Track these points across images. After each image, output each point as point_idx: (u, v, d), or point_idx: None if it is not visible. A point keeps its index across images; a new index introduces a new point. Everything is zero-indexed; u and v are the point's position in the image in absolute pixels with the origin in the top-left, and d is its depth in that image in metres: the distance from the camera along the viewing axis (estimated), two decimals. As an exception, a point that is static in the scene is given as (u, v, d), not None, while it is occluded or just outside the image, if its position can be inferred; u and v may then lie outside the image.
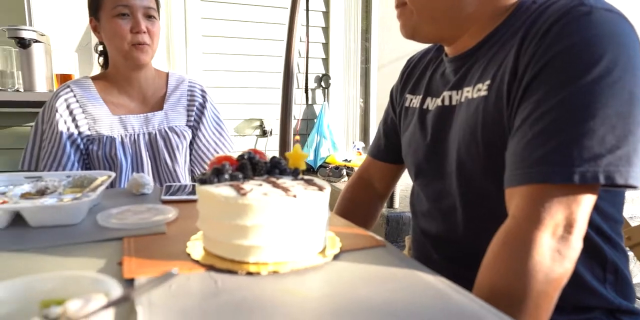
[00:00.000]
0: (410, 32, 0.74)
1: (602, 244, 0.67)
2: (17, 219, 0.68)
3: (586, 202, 0.55)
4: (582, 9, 0.57)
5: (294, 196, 0.52)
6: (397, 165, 0.98)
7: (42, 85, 1.94)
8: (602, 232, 0.68)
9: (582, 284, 0.66)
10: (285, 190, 0.53)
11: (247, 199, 0.50)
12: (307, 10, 2.76)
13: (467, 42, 0.73)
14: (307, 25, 2.79)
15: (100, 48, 1.24)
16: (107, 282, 0.37)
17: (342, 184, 0.98)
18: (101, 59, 1.26)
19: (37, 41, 1.88)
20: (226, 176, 0.57)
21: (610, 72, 0.54)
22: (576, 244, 0.55)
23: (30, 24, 2.09)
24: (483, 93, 0.66)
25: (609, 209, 0.68)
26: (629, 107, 0.54)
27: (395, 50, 2.85)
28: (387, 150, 0.98)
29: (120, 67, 1.18)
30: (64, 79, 2.02)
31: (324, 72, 2.93)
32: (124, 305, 0.43)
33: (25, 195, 0.72)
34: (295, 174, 0.62)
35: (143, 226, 0.66)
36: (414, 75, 0.89)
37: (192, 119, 1.28)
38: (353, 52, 2.92)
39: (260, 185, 0.56)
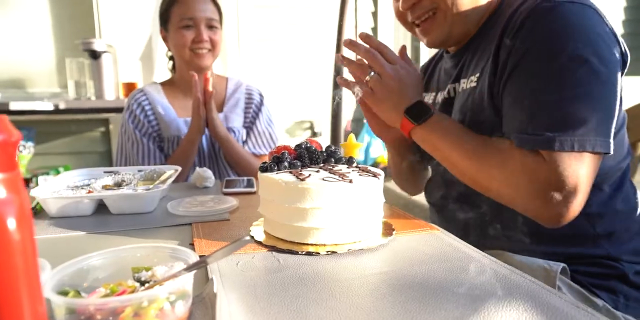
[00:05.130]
0: (444, 37, 0.79)
1: None
2: (100, 209, 0.76)
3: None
4: (546, 5, 0.65)
5: (350, 181, 0.55)
6: None
7: (110, 93, 2.10)
8: None
9: None
10: (342, 175, 0.56)
11: (306, 184, 0.54)
12: (356, 11, 2.79)
13: (465, 38, 0.81)
14: (356, 26, 2.82)
15: (170, 54, 1.35)
16: (185, 252, 0.42)
17: (393, 184, 1.01)
18: (170, 63, 1.36)
19: (106, 52, 2.04)
20: (285, 164, 0.60)
21: (575, 57, 0.61)
22: None
23: (100, 37, 2.27)
24: (473, 84, 0.76)
25: None
26: (597, 86, 0.61)
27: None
28: None
29: (184, 72, 1.27)
30: (129, 87, 2.17)
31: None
32: (200, 276, 0.47)
33: (105, 187, 0.80)
34: (349, 162, 0.64)
35: (209, 213, 0.72)
36: (427, 75, 0.97)
37: (248, 120, 1.35)
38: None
39: (318, 171, 0.59)
